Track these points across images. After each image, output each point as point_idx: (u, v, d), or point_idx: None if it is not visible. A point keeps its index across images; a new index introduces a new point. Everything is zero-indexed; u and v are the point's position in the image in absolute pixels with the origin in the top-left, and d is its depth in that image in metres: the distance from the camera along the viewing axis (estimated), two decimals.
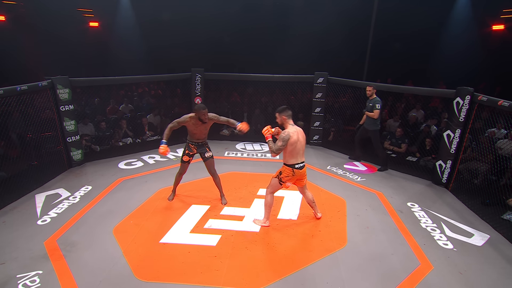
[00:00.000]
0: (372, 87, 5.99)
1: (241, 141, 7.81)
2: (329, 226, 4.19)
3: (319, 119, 7.48)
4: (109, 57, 10.71)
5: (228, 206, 4.63)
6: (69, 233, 3.91)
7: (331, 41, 10.76)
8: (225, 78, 7.75)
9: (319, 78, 7.21)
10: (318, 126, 7.54)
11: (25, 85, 4.80)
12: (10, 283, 3.06)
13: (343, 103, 7.76)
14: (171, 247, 3.69)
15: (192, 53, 10.91)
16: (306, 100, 8.34)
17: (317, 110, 7.41)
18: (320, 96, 7.30)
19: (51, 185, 5.24)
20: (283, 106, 4.04)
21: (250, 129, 8.08)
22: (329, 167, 6.28)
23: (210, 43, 11.14)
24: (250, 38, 11.10)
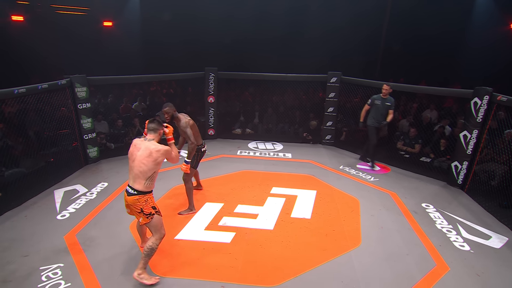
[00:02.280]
0: (389, 86, 5.91)
1: (253, 140, 7.86)
2: (343, 226, 4.21)
3: (331, 118, 7.48)
4: (120, 55, 10.88)
5: (242, 204, 4.69)
6: (87, 228, 4.03)
7: (343, 41, 10.72)
8: (238, 78, 7.80)
9: (332, 78, 7.21)
10: (331, 126, 7.54)
11: (45, 83, 4.95)
12: (34, 275, 3.18)
13: (355, 103, 7.74)
14: (186, 243, 3.77)
15: (204, 52, 10.98)
16: (317, 99, 8.35)
17: (330, 109, 7.41)
18: (333, 96, 7.30)
19: (68, 181, 5.39)
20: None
21: (262, 128, 8.23)
22: (342, 167, 6.28)
23: (222, 43, 11.20)
24: (262, 37, 11.12)
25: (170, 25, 11.45)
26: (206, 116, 7.85)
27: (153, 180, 3.06)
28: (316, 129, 7.74)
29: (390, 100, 5.92)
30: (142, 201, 3.00)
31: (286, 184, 5.38)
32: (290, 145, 7.63)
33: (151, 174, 3.00)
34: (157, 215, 3.09)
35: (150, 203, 3.05)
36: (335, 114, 7.44)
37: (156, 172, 3.05)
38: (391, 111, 5.91)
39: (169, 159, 3.15)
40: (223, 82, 7.88)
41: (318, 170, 6.08)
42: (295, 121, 8.15)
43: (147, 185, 3.01)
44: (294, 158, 6.74)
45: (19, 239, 3.75)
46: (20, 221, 4.16)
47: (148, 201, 3.03)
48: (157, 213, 3.10)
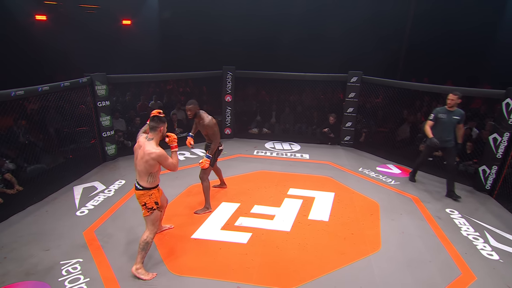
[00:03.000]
0: (458, 95, 4.84)
1: (270, 140, 7.87)
2: (362, 229, 4.16)
3: (351, 119, 7.40)
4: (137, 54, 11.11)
5: (258, 204, 4.71)
6: (105, 225, 4.15)
7: (364, 39, 10.55)
8: (256, 77, 7.82)
9: (352, 77, 7.13)
10: (350, 127, 7.46)
11: (67, 81, 5.13)
12: (55, 268, 3.31)
13: (375, 103, 7.63)
14: (202, 243, 3.82)
15: (221, 51, 11.07)
16: (336, 99, 8.27)
17: (350, 110, 7.34)
18: (353, 96, 7.22)
19: (87, 178, 5.56)
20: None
21: (279, 128, 8.22)
22: (361, 169, 6.20)
23: (240, 41, 11.25)
24: (281, 36, 11.10)
25: (187, 23, 11.59)
26: (223, 115, 7.91)
27: (155, 177, 3.16)
28: (334, 125, 7.67)
29: (458, 113, 4.88)
30: (146, 196, 3.15)
31: (304, 185, 5.36)
32: (307, 145, 7.60)
33: (150, 173, 3.08)
34: (157, 210, 3.22)
35: (153, 199, 3.18)
36: (355, 114, 7.35)
37: (154, 171, 3.09)
38: (461, 126, 4.92)
39: (164, 166, 3.10)
40: (240, 81, 7.93)
41: (336, 172, 6.03)
42: (313, 121, 8.10)
43: (150, 182, 3.13)
44: (312, 159, 6.71)
45: (40, 234, 3.90)
46: (42, 216, 4.33)
47: (152, 197, 3.16)
48: (158, 209, 3.23)
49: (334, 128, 7.70)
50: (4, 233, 3.91)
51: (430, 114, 5.13)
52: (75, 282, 3.12)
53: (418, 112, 7.41)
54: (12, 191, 4.70)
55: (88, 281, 3.15)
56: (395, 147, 6.89)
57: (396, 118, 7.10)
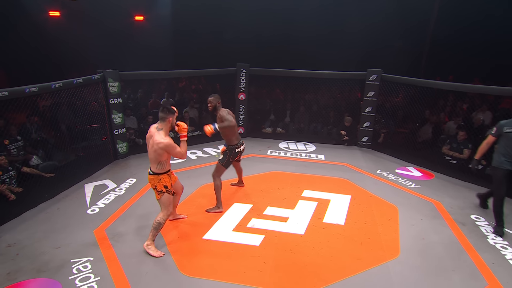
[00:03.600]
0: None
1: (284, 140, 7.86)
2: (379, 234, 4.10)
3: (369, 119, 7.31)
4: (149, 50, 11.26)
5: (271, 206, 4.71)
6: (116, 224, 4.23)
7: (384, 34, 10.40)
8: (271, 74, 7.82)
9: (372, 75, 7.04)
10: (368, 127, 7.37)
11: (80, 78, 5.26)
12: (66, 267, 3.39)
13: (395, 103, 7.51)
14: (214, 244, 3.84)
15: (235, 47, 11.10)
16: (354, 98, 8.18)
17: (368, 109, 7.25)
18: (372, 95, 7.13)
19: (98, 176, 5.68)
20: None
21: (293, 128, 8.19)
22: (379, 171, 6.12)
23: (255, 38, 11.25)
24: (296, 32, 11.05)
25: (201, 19, 11.68)
26: (236, 113, 7.93)
27: (165, 164, 3.50)
28: (351, 127, 7.60)
29: None
30: (156, 180, 3.51)
31: (319, 187, 5.33)
32: (323, 146, 7.55)
33: (159, 161, 3.43)
34: (167, 193, 3.56)
35: (163, 183, 3.52)
36: (373, 114, 7.26)
37: (163, 159, 3.43)
38: None
39: (173, 154, 3.45)
40: (254, 79, 7.94)
41: (353, 174, 5.97)
42: (329, 121, 8.04)
43: (159, 168, 3.49)
44: (328, 160, 6.66)
45: (52, 231, 4.02)
46: (53, 213, 4.46)
47: (161, 181, 3.52)
48: (168, 192, 3.57)
49: (350, 129, 7.63)
50: (17, 229, 4.04)
51: (492, 127, 4.29)
52: (86, 281, 3.19)
53: (442, 112, 7.25)
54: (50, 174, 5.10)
55: (99, 280, 3.21)
56: (416, 148, 6.77)
57: (417, 118, 6.97)
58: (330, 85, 7.89)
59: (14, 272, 3.29)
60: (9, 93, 4.12)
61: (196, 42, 11.72)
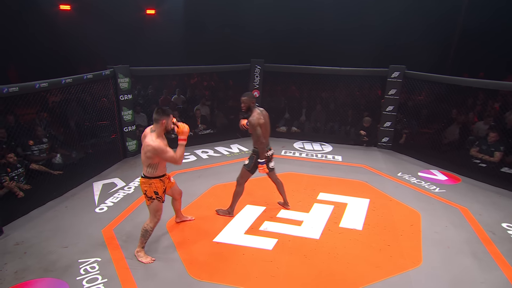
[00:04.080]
0: None
1: (299, 140, 7.83)
2: (399, 241, 4.03)
3: (390, 119, 7.20)
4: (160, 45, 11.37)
5: (285, 209, 4.69)
6: (124, 223, 4.29)
7: (407, 28, 10.16)
8: (287, 71, 7.79)
9: (394, 72, 6.94)
10: (389, 127, 7.26)
11: (90, 73, 5.37)
12: (73, 267, 3.46)
13: (418, 101, 7.37)
14: (225, 247, 3.85)
15: (249, 43, 11.10)
16: (374, 96, 8.08)
17: (389, 108, 7.15)
18: (394, 93, 7.03)
19: (107, 174, 5.78)
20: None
21: (309, 127, 8.14)
22: (400, 174, 6.03)
23: (269, 33, 11.22)
24: (314, 26, 10.96)
25: (214, 13, 11.72)
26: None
27: (156, 168, 3.40)
28: (370, 128, 7.50)
29: None
30: (146, 185, 3.44)
31: (335, 190, 5.29)
32: (340, 146, 7.49)
33: (149, 163, 3.34)
34: (157, 200, 3.49)
35: (153, 188, 3.44)
36: (395, 113, 7.14)
37: (154, 163, 3.34)
38: None
39: (164, 159, 3.32)
40: (268, 75, 7.93)
41: (372, 176, 5.90)
42: (347, 120, 7.96)
43: (150, 172, 3.40)
44: (345, 162, 6.60)
45: (60, 230, 4.11)
46: (61, 211, 4.56)
47: (151, 186, 3.43)
48: (158, 199, 3.49)
49: (370, 129, 7.54)
50: (25, 227, 4.15)
51: None
52: (93, 282, 3.25)
53: (470, 112, 7.06)
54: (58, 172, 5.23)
55: (106, 282, 3.26)
56: (441, 150, 6.63)
57: (443, 118, 6.81)
58: (349, 82, 7.80)
59: (21, 271, 3.37)
60: (19, 88, 4.23)
61: (208, 37, 11.77)
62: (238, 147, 7.36)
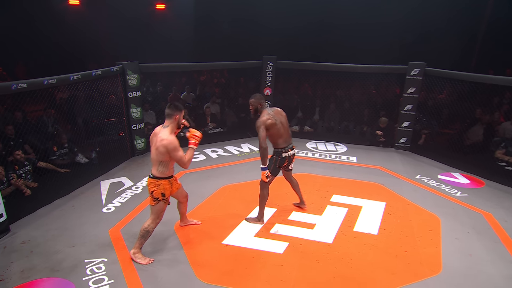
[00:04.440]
0: None
1: (312, 140, 7.80)
2: (417, 247, 3.97)
3: (409, 118, 7.11)
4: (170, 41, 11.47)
5: (297, 211, 4.69)
6: (132, 224, 4.34)
7: (428, 23, 10.00)
8: (300, 68, 7.77)
9: (413, 70, 6.84)
10: (407, 127, 7.17)
11: (99, 70, 5.45)
12: (80, 266, 3.52)
13: (439, 100, 7.25)
14: (234, 249, 3.86)
15: (261, 38, 11.10)
16: (391, 95, 7.99)
17: (408, 107, 7.06)
18: (413, 91, 6.94)
19: (114, 173, 5.87)
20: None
21: (323, 126, 8.09)
22: (419, 177, 5.95)
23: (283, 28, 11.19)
24: (330, 21, 10.88)
25: (226, 8, 11.76)
26: None
27: (167, 167, 3.42)
28: (387, 128, 7.42)
29: None
30: (154, 185, 3.46)
31: (349, 192, 5.25)
32: (355, 147, 7.45)
33: (160, 161, 3.36)
34: (162, 202, 3.50)
35: (161, 189, 3.46)
36: (414, 113, 7.05)
37: (165, 160, 3.35)
38: None
39: (173, 157, 3.32)
40: (280, 72, 7.91)
41: (388, 179, 5.84)
42: (363, 119, 7.89)
43: (160, 171, 3.41)
44: (360, 163, 6.55)
45: (66, 229, 4.18)
46: (68, 210, 4.64)
47: (159, 187, 3.45)
48: (164, 201, 3.51)
49: (386, 129, 7.46)
50: (32, 226, 4.24)
51: None
52: (100, 283, 3.29)
53: (496, 111, 6.90)
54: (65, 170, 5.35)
55: (112, 283, 3.30)
56: (463, 152, 6.51)
57: (466, 117, 6.68)
58: (365, 80, 7.74)
59: (27, 270, 3.44)
60: (28, 85, 4.32)
61: (219, 32, 11.82)
62: (249, 146, 7.37)
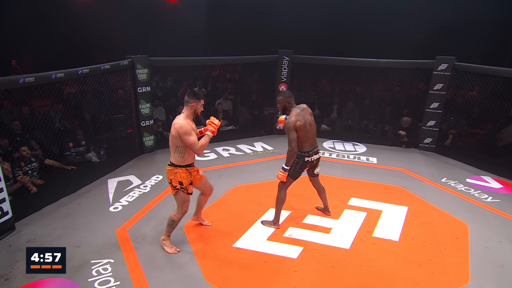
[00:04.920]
0: None
1: (329, 139, 7.74)
2: (443, 256, 3.88)
3: (435, 117, 6.98)
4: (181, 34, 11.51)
5: (312, 214, 4.65)
6: (139, 224, 4.38)
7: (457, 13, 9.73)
8: (318, 63, 7.72)
9: (441, 64, 6.71)
10: (433, 127, 7.04)
11: (108, 64, 5.52)
12: (85, 267, 3.56)
13: (469, 97, 7.07)
14: (245, 253, 3.85)
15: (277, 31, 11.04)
16: (415, 91, 7.86)
17: (434, 105, 6.93)
18: (440, 88, 6.81)
19: (122, 170, 5.94)
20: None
21: (341, 125, 8.00)
22: (445, 180, 5.84)
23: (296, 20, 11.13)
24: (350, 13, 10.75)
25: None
26: (275, 107, 7.89)
27: (182, 154, 3.55)
28: (411, 128, 7.31)
29: None
30: (172, 174, 3.61)
31: (369, 195, 5.19)
32: (375, 147, 7.38)
33: (176, 147, 3.52)
34: (182, 192, 3.64)
35: (178, 178, 3.59)
36: (441, 111, 6.91)
37: (180, 147, 3.51)
38: None
39: (185, 142, 3.45)
40: (297, 67, 7.86)
41: (412, 182, 5.76)
42: (384, 118, 7.78)
43: (176, 159, 3.57)
44: (381, 164, 6.48)
45: (72, 228, 4.25)
46: (74, 209, 4.72)
47: (177, 175, 3.59)
48: (183, 190, 3.64)
49: (410, 128, 7.35)
50: (37, 224, 4.32)
51: None
52: (105, 285, 3.33)
53: None
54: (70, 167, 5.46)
55: (119, 285, 3.33)
56: (495, 154, 6.35)
57: (499, 116, 6.50)
58: (387, 75, 7.62)
59: None
60: (35, 79, 4.40)
61: (233, 25, 11.80)
62: (262, 145, 7.35)
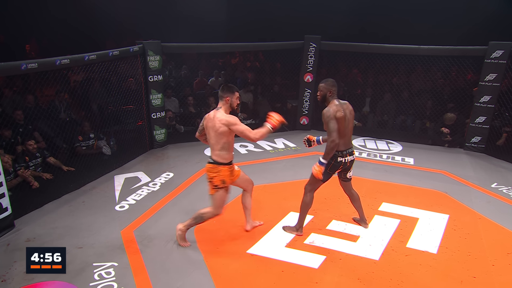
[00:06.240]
0: None
1: (360, 136, 7.68)
2: (490, 273, 3.77)
3: (485, 112, 6.81)
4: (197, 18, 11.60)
5: (337, 219, 4.62)
6: (146, 225, 4.47)
7: None
8: (348, 50, 7.68)
9: (495, 51, 6.52)
10: (483, 123, 6.86)
11: (116, 50, 5.64)
12: (87, 270, 3.65)
13: None
14: (261, 260, 3.86)
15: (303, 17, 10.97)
16: (462, 83, 7.68)
17: (485, 99, 6.76)
18: (492, 79, 6.62)
19: (130, 166, 6.08)
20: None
21: (374, 120, 7.89)
22: (496, 185, 5.70)
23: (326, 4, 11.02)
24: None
25: None
26: (300, 99, 7.88)
27: (228, 150, 3.77)
28: (456, 124, 7.14)
29: None
30: (214, 172, 3.78)
31: (403, 200, 5.12)
32: (413, 146, 7.30)
33: (223, 143, 3.71)
34: (222, 191, 3.83)
35: (221, 176, 3.78)
36: (493, 106, 6.73)
37: (227, 142, 3.72)
38: None
39: (238, 132, 3.68)
40: (325, 55, 7.80)
41: (454, 186, 5.65)
42: (424, 113, 7.66)
43: (221, 156, 3.75)
44: (418, 166, 6.39)
45: (75, 228, 4.37)
46: (78, 207, 4.86)
47: (219, 174, 3.77)
48: (225, 188, 3.85)
49: (454, 125, 7.22)
50: (38, 222, 4.47)
51: None
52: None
53: None
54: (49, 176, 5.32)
55: None
56: None
57: None
58: (430, 65, 7.47)
59: None
60: (38, 65, 4.54)
61: (254, 8, 11.80)
62: (283, 142, 7.35)
